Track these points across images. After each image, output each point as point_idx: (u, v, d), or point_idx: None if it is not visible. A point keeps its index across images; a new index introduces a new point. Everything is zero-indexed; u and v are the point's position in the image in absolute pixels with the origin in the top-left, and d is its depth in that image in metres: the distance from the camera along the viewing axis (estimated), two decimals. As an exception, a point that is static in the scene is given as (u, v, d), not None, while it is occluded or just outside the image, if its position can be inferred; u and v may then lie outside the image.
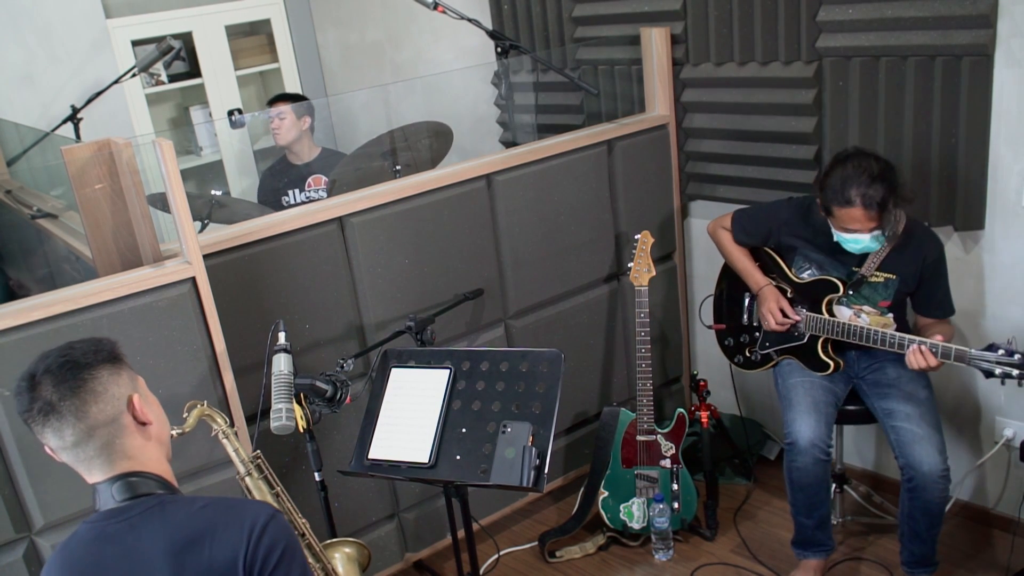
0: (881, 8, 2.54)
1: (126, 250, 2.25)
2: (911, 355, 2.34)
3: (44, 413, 1.41)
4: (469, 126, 4.02)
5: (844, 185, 2.34)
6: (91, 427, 1.42)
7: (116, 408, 1.45)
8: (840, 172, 2.36)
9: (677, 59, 3.13)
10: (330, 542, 2.14)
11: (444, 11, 2.92)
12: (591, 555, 3.00)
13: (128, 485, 1.44)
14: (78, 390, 1.41)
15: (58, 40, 4.14)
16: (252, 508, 1.45)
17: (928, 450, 2.38)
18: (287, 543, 1.43)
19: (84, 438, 1.42)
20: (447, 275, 2.77)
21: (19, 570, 2.15)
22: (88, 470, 1.46)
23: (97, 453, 1.44)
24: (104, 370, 1.45)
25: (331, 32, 4.78)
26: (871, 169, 2.32)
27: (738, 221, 2.79)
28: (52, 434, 1.42)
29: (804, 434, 2.50)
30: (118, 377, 1.47)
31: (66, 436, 1.42)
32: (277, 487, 1.96)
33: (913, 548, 2.51)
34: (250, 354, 2.41)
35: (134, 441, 1.47)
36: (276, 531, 1.42)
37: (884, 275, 2.53)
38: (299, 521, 1.96)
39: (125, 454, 1.46)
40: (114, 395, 1.45)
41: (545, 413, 2.14)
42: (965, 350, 2.25)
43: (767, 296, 2.68)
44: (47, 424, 1.41)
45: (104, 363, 1.46)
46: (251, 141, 4.77)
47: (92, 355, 1.46)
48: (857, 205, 2.33)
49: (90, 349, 1.46)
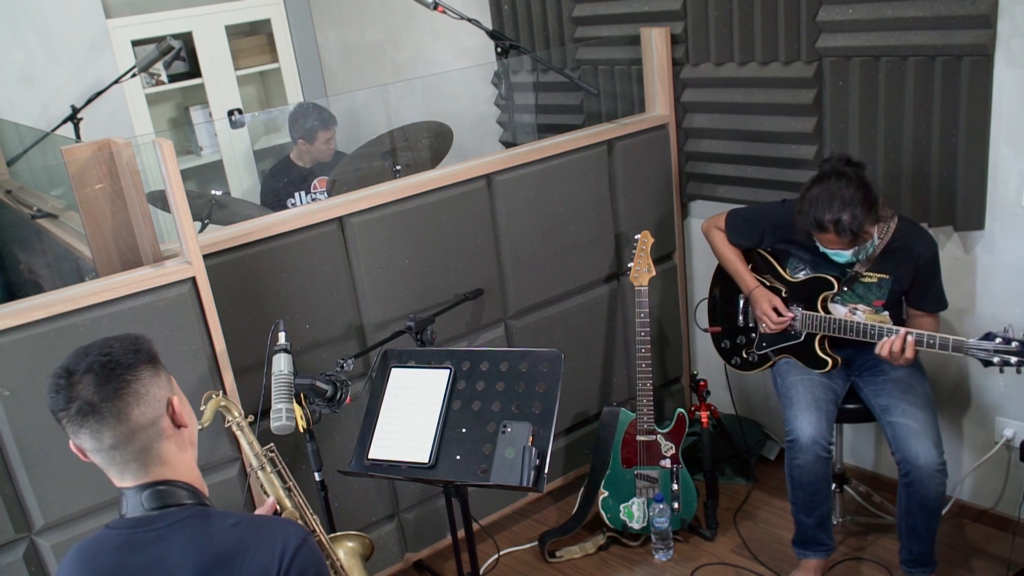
0: (881, 8, 2.54)
1: (126, 250, 2.25)
2: (887, 343, 2.36)
3: (83, 414, 1.35)
4: (469, 126, 4.02)
5: (817, 211, 2.37)
6: (132, 430, 1.37)
7: (157, 411, 1.41)
8: (816, 193, 2.38)
9: (677, 59, 3.13)
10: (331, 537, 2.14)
11: (444, 11, 2.92)
12: (591, 555, 3.00)
13: (159, 494, 1.40)
14: (121, 392, 1.37)
15: (58, 40, 4.15)
16: (283, 530, 1.41)
17: (924, 443, 2.39)
18: (317, 569, 1.40)
19: (123, 441, 1.38)
20: (447, 275, 2.77)
21: (19, 570, 2.15)
22: (121, 474, 1.41)
23: (134, 457, 1.39)
24: (145, 371, 1.41)
25: (331, 32, 4.78)
26: (843, 195, 2.34)
27: (731, 222, 2.79)
28: (89, 435, 1.37)
29: (805, 431, 2.50)
30: (158, 378, 1.43)
31: (105, 439, 1.37)
32: (290, 482, 1.95)
33: (912, 546, 2.51)
34: (250, 354, 2.41)
35: (171, 445, 1.43)
36: (307, 556, 1.39)
37: (877, 275, 2.53)
38: (310, 516, 1.96)
39: (161, 459, 1.42)
40: (155, 397, 1.41)
41: (545, 413, 2.14)
42: (963, 340, 2.26)
43: (759, 299, 2.70)
44: (85, 424, 1.36)
45: (145, 363, 1.41)
46: (251, 141, 4.77)
47: (133, 355, 1.40)
48: (830, 232, 2.37)
49: (130, 348, 1.41)
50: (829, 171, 2.41)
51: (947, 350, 2.29)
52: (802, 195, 2.44)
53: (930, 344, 2.32)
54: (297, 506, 1.95)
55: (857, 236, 2.37)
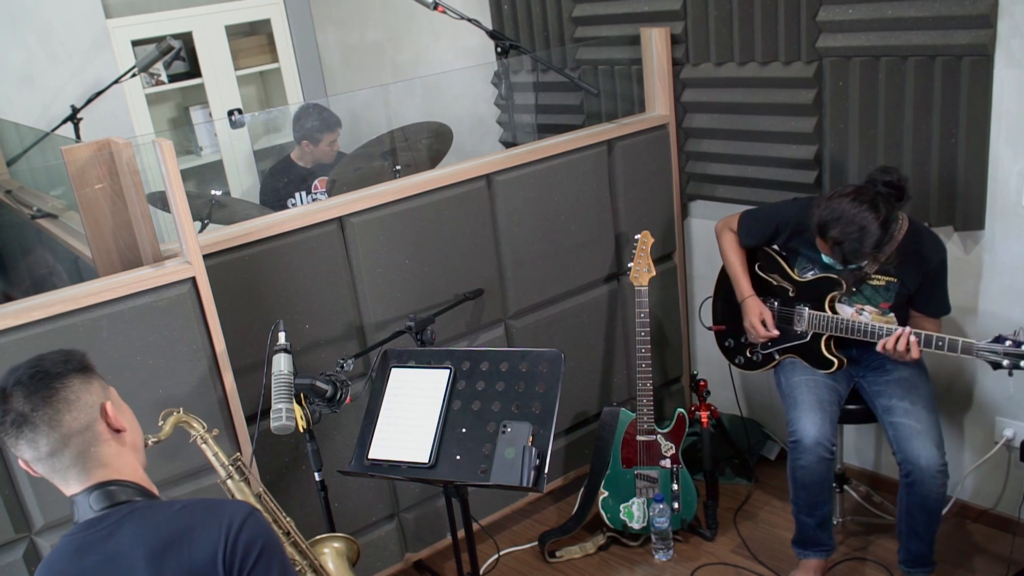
0: (881, 8, 2.54)
1: (126, 250, 2.25)
2: (889, 340, 2.37)
3: (17, 425, 1.40)
4: (469, 126, 4.02)
5: (831, 221, 2.35)
6: (65, 435, 1.41)
7: (89, 416, 1.44)
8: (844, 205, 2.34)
9: (677, 59, 3.13)
10: (317, 538, 2.13)
11: (444, 11, 2.92)
12: (591, 555, 3.00)
13: (106, 494, 1.43)
14: (50, 399, 1.41)
15: (58, 40, 4.15)
16: (229, 507, 1.44)
17: (926, 444, 2.39)
18: (266, 540, 1.42)
19: (59, 447, 1.41)
20: (447, 275, 2.77)
21: (19, 570, 2.15)
22: (64, 481, 1.45)
23: (73, 462, 1.43)
24: (75, 379, 1.45)
25: (331, 32, 4.78)
26: (862, 224, 2.31)
27: (744, 223, 2.79)
28: (27, 445, 1.41)
29: (809, 432, 2.50)
30: (89, 385, 1.46)
31: (40, 446, 1.40)
32: (259, 488, 1.96)
33: (911, 546, 2.51)
34: (250, 354, 2.41)
35: (109, 449, 1.46)
36: (254, 528, 1.41)
37: (886, 278, 2.53)
38: (284, 520, 1.96)
39: (100, 462, 1.45)
40: (87, 403, 1.44)
41: (545, 413, 2.14)
42: (972, 342, 2.26)
43: (750, 308, 2.72)
44: (21, 436, 1.40)
45: (75, 372, 1.45)
46: (251, 141, 4.77)
47: (62, 364, 1.45)
48: (828, 244, 2.40)
49: (60, 359, 1.46)
50: (870, 191, 2.37)
51: (956, 352, 2.28)
52: (834, 193, 2.40)
53: (939, 346, 2.31)
54: (269, 510, 1.94)
55: (848, 263, 2.42)
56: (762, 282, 2.76)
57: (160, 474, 2.24)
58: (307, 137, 3.79)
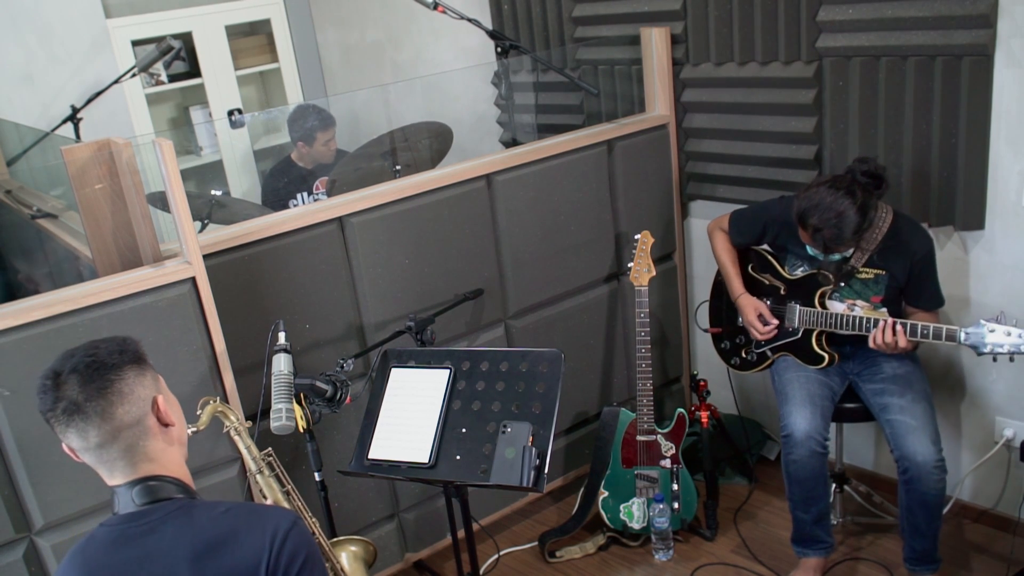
0: (881, 8, 2.54)
1: (126, 250, 2.25)
2: (877, 332, 2.37)
3: (69, 413, 1.39)
4: (469, 126, 4.02)
5: (808, 209, 2.38)
6: (116, 428, 1.41)
7: (141, 409, 1.44)
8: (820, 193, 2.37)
9: (677, 59, 3.13)
10: (336, 540, 2.15)
11: (444, 11, 2.92)
12: (591, 555, 3.00)
13: (148, 489, 1.43)
14: (105, 391, 1.40)
15: (58, 40, 4.15)
16: (274, 514, 1.44)
17: (921, 440, 2.39)
18: (309, 551, 1.42)
19: (109, 440, 1.40)
20: (447, 275, 2.77)
21: (19, 570, 2.15)
22: (110, 472, 1.44)
23: (121, 455, 1.42)
24: (130, 371, 1.44)
25: (331, 32, 4.78)
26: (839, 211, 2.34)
27: (734, 222, 2.81)
28: (76, 434, 1.40)
29: (800, 426, 2.51)
30: (143, 378, 1.46)
31: (90, 437, 1.40)
32: (288, 485, 1.96)
33: (914, 544, 2.52)
34: (250, 354, 2.41)
35: (157, 444, 1.46)
36: (298, 538, 1.41)
37: (874, 271, 2.54)
38: (309, 520, 1.97)
39: (148, 457, 1.44)
40: (140, 396, 1.44)
41: (545, 413, 2.14)
42: (955, 329, 2.26)
43: (744, 306, 2.74)
44: (71, 424, 1.39)
45: (130, 364, 1.45)
46: (251, 141, 4.77)
47: (118, 355, 1.44)
48: (808, 232, 2.42)
49: (116, 349, 1.45)
50: (846, 178, 2.40)
51: (940, 339, 2.29)
52: (812, 183, 2.44)
53: (924, 334, 2.32)
54: (296, 509, 1.95)
55: (828, 251, 2.44)
56: (755, 282, 2.77)
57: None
58: (302, 138, 3.79)
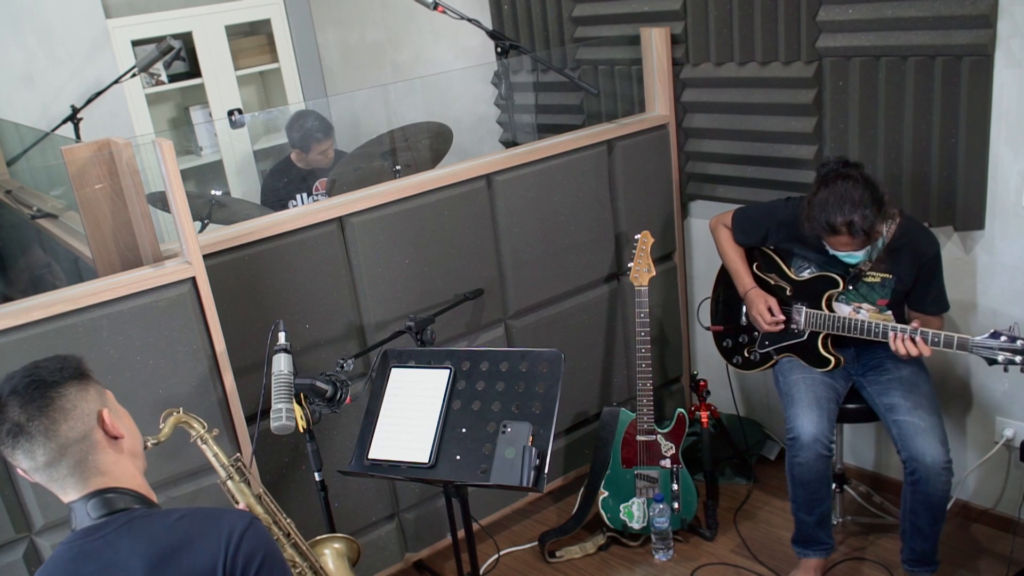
0: (881, 8, 2.54)
1: (126, 250, 2.25)
2: (896, 340, 2.36)
3: (13, 435, 1.38)
4: (469, 126, 4.02)
5: (828, 215, 2.36)
6: (63, 445, 1.39)
7: (87, 424, 1.42)
8: (824, 197, 2.37)
9: (677, 59, 3.13)
10: (317, 539, 2.13)
11: (444, 11, 2.92)
12: (591, 555, 3.00)
13: (104, 501, 1.41)
14: (46, 409, 1.39)
15: (58, 40, 4.15)
16: (229, 516, 1.43)
17: (931, 441, 2.39)
18: (266, 550, 1.41)
19: (56, 457, 1.39)
20: (447, 275, 2.77)
21: (19, 570, 2.15)
22: (62, 489, 1.43)
23: (70, 471, 1.41)
24: (71, 387, 1.43)
25: (331, 32, 4.78)
26: (852, 197, 2.33)
27: (738, 221, 2.80)
28: (23, 456, 1.39)
29: (807, 429, 2.50)
30: (86, 393, 1.44)
31: (38, 457, 1.39)
32: (259, 489, 1.95)
33: (915, 545, 2.51)
34: (250, 354, 2.41)
35: (107, 456, 1.44)
36: (255, 539, 1.40)
37: (880, 275, 2.53)
38: (283, 521, 1.95)
39: (99, 470, 1.43)
40: (83, 411, 1.43)
41: (545, 413, 2.14)
42: (967, 338, 2.26)
43: (754, 299, 2.71)
44: (17, 446, 1.39)
45: (71, 380, 1.43)
46: (251, 141, 4.77)
47: (58, 372, 1.43)
48: (843, 234, 2.37)
49: (56, 367, 1.44)
50: (831, 174, 2.41)
51: (952, 348, 2.29)
52: (808, 201, 2.43)
53: (935, 342, 2.32)
54: (269, 512, 1.94)
55: (869, 236, 2.37)
56: (760, 282, 2.76)
57: (160, 474, 2.24)
58: (299, 147, 3.78)
